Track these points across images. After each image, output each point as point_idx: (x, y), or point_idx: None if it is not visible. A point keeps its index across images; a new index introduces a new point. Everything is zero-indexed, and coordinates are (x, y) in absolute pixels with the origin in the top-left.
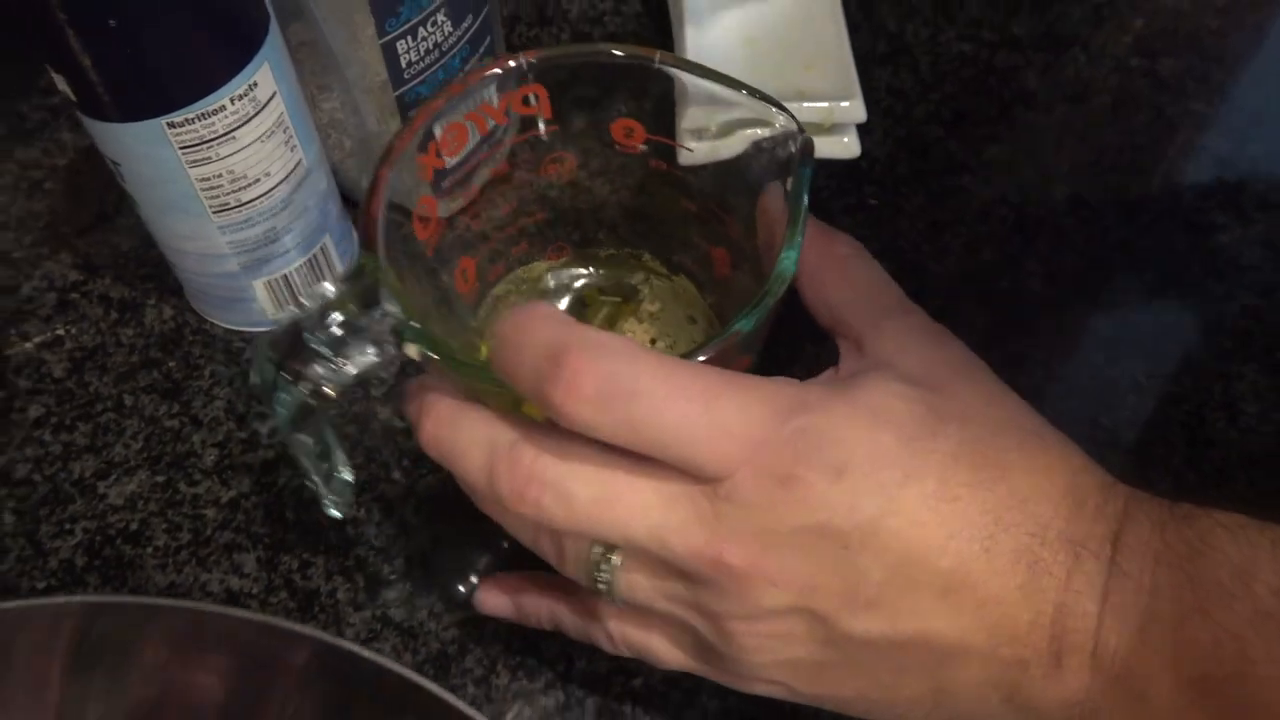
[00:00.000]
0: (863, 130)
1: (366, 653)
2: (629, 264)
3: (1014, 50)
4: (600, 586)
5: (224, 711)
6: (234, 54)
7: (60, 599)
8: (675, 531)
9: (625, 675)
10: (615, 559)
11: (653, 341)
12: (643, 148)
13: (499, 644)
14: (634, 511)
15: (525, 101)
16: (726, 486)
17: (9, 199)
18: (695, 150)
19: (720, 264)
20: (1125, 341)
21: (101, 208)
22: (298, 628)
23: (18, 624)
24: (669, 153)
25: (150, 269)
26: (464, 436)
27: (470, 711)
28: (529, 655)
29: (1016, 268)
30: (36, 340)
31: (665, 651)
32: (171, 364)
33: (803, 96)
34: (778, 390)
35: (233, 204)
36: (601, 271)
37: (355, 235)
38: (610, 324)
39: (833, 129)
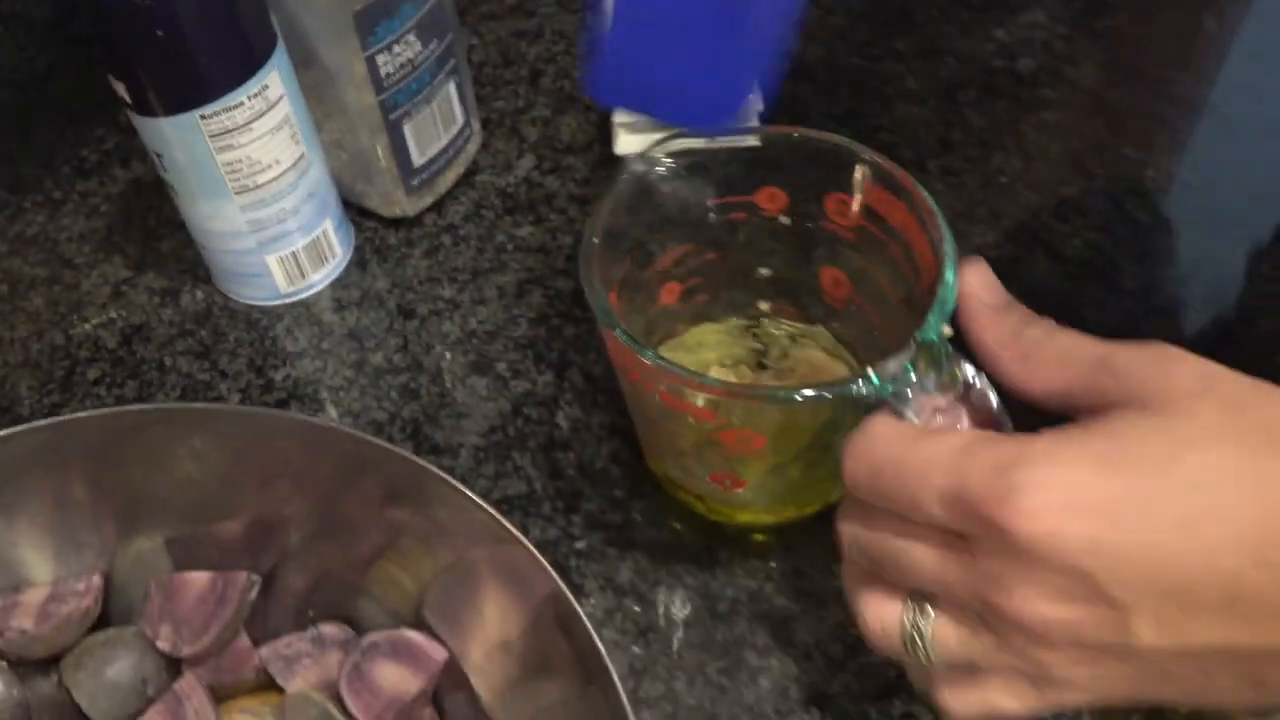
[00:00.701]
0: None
1: (356, 432)
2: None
3: (896, 61)
4: (918, 653)
5: (253, 496)
6: (249, 62)
7: (98, 411)
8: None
9: (571, 539)
10: (925, 626)
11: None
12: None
13: None
14: None
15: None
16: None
17: (72, 220)
18: (627, 142)
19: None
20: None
21: (145, 224)
22: (297, 416)
23: (73, 434)
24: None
25: (186, 265)
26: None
27: (455, 483)
28: None
29: None
30: (94, 322)
31: (1002, 700)
32: (203, 333)
33: None
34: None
35: (250, 186)
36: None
37: (350, 227)
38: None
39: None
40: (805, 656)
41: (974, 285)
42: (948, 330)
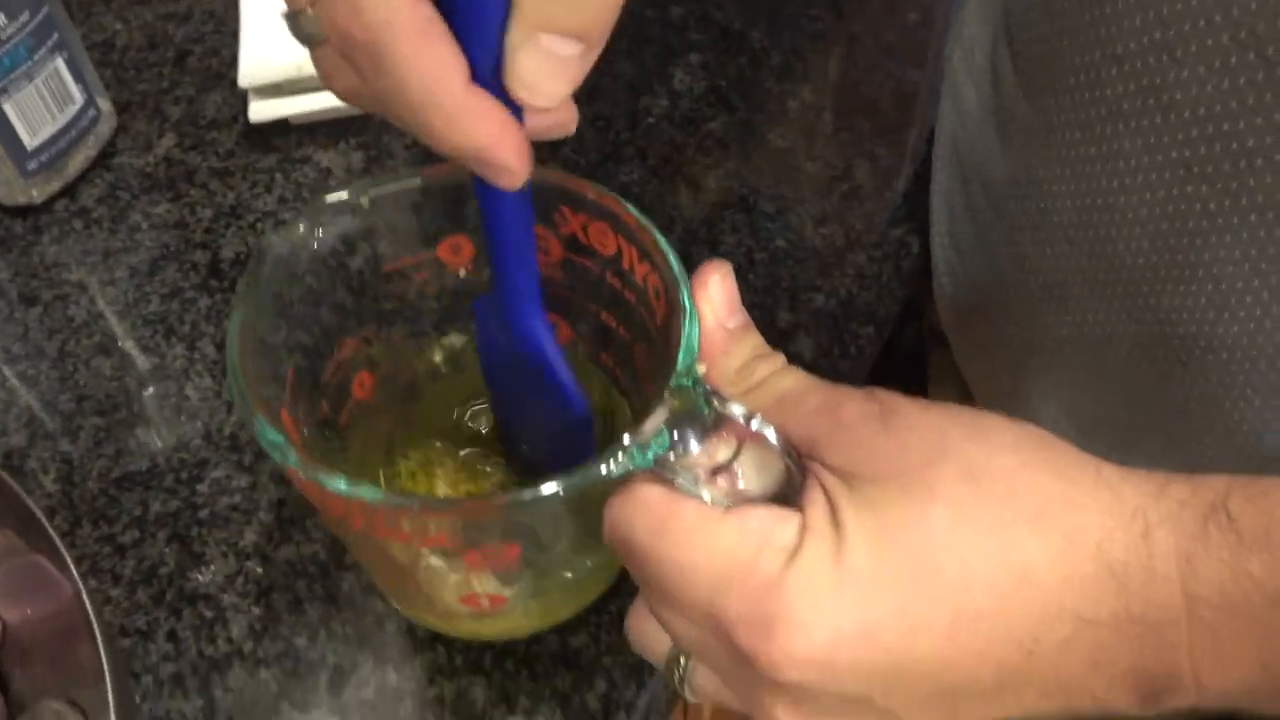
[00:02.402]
0: None
1: None
2: None
3: None
4: (676, 683)
5: None
6: None
7: None
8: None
9: (194, 509)
10: (686, 669)
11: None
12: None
13: None
14: None
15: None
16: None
17: None
18: (259, 108)
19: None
20: None
21: None
22: None
23: None
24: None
25: None
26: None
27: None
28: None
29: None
30: None
31: None
32: None
33: None
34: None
35: None
36: None
37: None
38: None
39: None
40: None
41: (715, 304)
42: (701, 369)
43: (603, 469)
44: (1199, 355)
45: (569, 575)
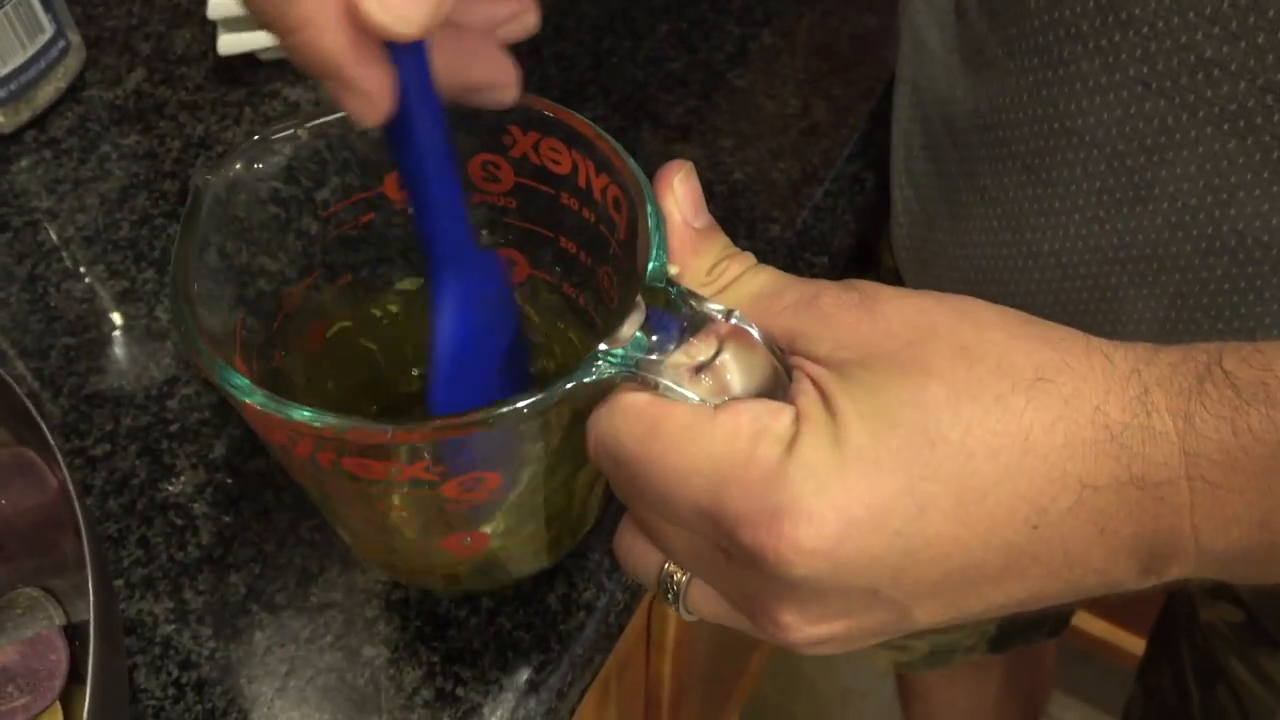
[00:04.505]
0: None
1: None
2: None
3: None
4: (671, 603)
5: None
6: None
7: None
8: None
9: (165, 423)
10: (681, 588)
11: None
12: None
13: None
14: None
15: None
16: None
17: None
18: (229, 41)
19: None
20: None
21: None
22: None
23: None
24: None
25: None
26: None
27: None
28: None
29: None
30: None
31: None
32: None
33: None
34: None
35: None
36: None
37: None
38: None
39: None
40: None
41: (681, 202)
42: (674, 269)
43: (581, 376)
44: (1151, 278)
45: (557, 498)
